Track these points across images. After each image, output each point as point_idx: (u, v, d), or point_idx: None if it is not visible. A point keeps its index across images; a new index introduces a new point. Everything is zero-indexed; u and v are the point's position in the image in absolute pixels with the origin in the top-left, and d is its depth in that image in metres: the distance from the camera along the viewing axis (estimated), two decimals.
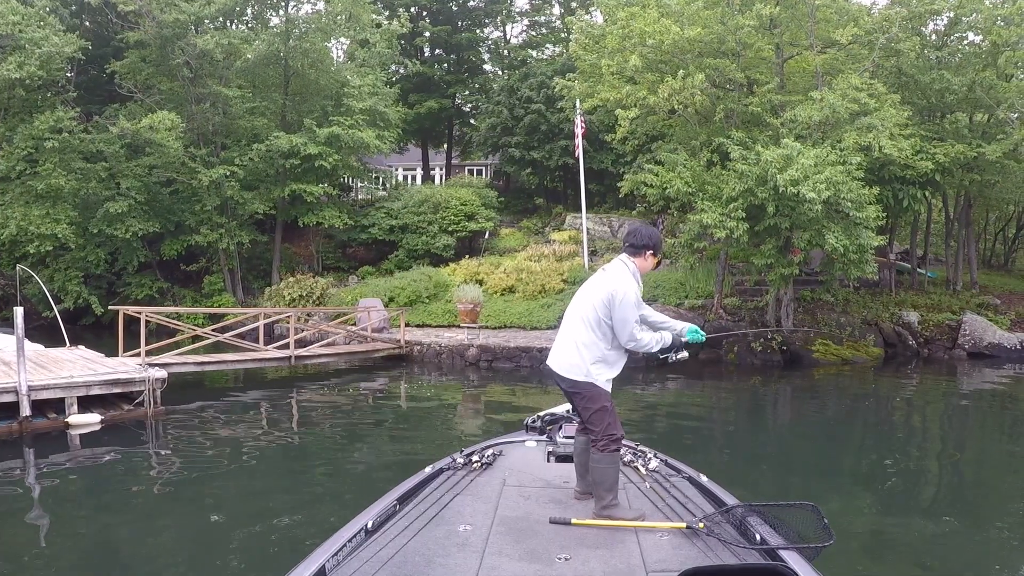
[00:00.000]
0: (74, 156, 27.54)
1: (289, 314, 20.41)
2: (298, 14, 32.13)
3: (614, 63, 22.31)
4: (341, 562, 4.18)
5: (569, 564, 4.29)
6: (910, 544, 7.95)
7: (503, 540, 4.61)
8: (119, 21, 29.41)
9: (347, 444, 12.61)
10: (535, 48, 47.44)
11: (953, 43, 25.97)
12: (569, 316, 5.49)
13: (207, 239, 29.28)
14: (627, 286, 5.24)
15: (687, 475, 5.85)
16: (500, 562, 4.28)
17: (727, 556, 4.30)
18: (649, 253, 5.48)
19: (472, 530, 4.74)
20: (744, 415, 16.12)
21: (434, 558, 4.29)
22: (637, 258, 5.46)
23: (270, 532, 7.92)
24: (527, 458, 6.30)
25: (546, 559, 4.35)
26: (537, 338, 22.32)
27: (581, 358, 5.29)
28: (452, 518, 4.93)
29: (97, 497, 9.51)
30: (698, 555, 4.36)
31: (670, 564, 4.23)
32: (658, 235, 5.63)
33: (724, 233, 19.24)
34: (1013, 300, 27.23)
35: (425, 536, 4.60)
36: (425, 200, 32.98)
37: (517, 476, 5.87)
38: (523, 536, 4.68)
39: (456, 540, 4.57)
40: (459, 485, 5.59)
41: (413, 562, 4.22)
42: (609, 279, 5.33)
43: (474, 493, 5.47)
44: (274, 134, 28.67)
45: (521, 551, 4.44)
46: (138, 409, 13.69)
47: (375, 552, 4.31)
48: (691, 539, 4.58)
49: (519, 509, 5.17)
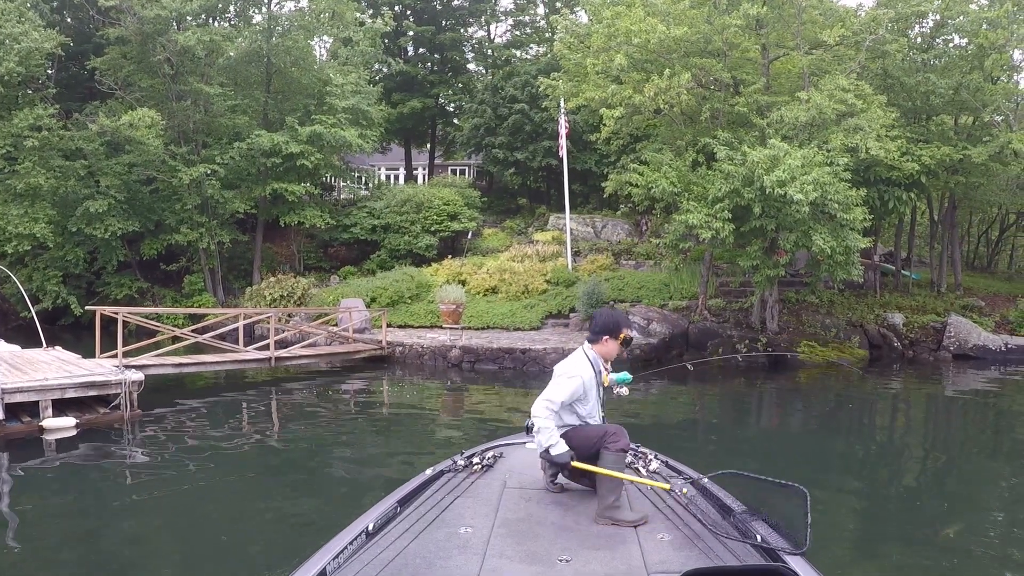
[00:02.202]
0: (53, 154, 27.15)
1: (269, 315, 20.18)
2: (281, 12, 31.77)
3: (599, 62, 22.14)
4: (342, 565, 4.17)
5: (570, 565, 4.27)
6: (901, 543, 7.87)
7: (504, 542, 4.58)
8: (100, 17, 29.10)
9: (327, 448, 12.38)
10: (519, 48, 47.21)
11: (939, 46, 25.98)
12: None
13: (187, 238, 28.93)
14: (571, 368, 5.51)
15: (688, 476, 5.81)
16: (501, 564, 4.26)
17: (728, 557, 4.27)
18: (606, 338, 5.61)
19: (473, 532, 4.72)
20: (729, 417, 16.00)
21: (435, 560, 4.28)
22: (596, 345, 5.64)
23: (248, 538, 7.80)
24: (528, 460, 6.20)
25: (547, 561, 4.32)
26: (520, 339, 22.18)
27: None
28: (453, 520, 4.90)
29: (72, 503, 9.31)
30: (699, 556, 4.34)
31: (671, 565, 4.21)
32: (615, 317, 5.77)
33: (710, 234, 19.12)
34: (997, 302, 27.27)
35: (426, 538, 4.57)
36: (408, 200, 32.79)
37: (518, 478, 5.83)
38: (524, 538, 4.65)
39: (457, 542, 4.55)
40: (460, 487, 5.56)
41: (414, 564, 4.20)
42: (563, 362, 5.61)
43: (475, 495, 5.43)
44: (255, 132, 28.42)
45: (522, 553, 4.42)
46: (114, 412, 13.44)
47: (376, 554, 4.29)
48: (692, 540, 4.55)
49: (520, 511, 5.14)
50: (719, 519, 4.90)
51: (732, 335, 22.19)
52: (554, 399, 5.32)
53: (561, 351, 20.24)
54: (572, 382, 5.42)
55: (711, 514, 4.99)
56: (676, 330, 22.71)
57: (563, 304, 25.06)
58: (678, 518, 4.93)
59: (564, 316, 24.68)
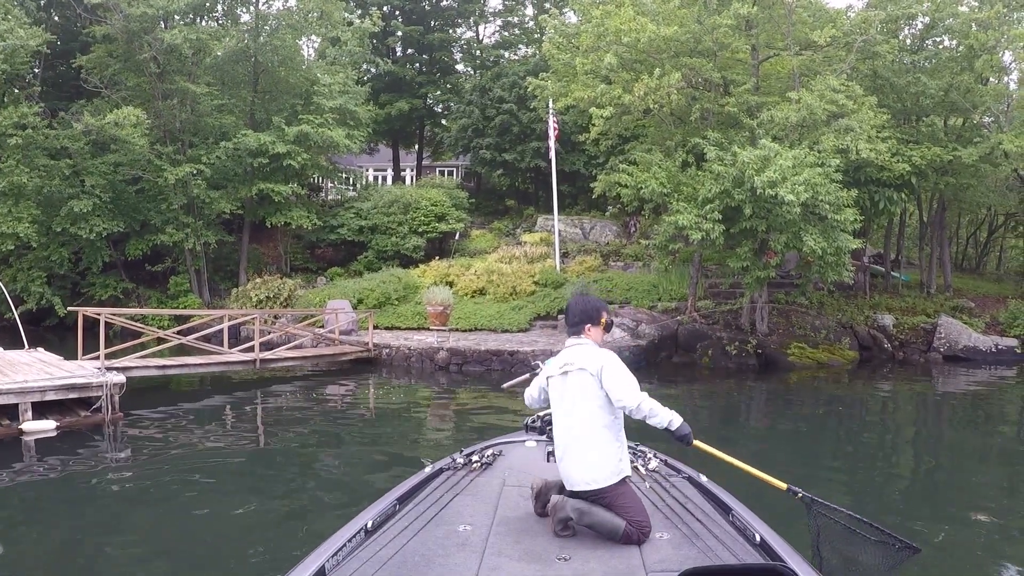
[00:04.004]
0: (37, 153, 26.88)
1: (254, 316, 19.98)
2: (269, 11, 31.62)
3: (588, 61, 22.03)
4: (341, 562, 4.17)
5: (569, 564, 4.27)
6: None
7: (503, 540, 4.59)
8: (87, 15, 28.89)
9: (312, 452, 12.18)
10: (508, 49, 47.10)
11: (929, 47, 25.96)
12: (564, 431, 4.98)
13: (173, 239, 28.67)
14: (603, 353, 4.94)
15: (687, 475, 5.84)
16: (500, 562, 4.27)
17: (727, 556, 4.27)
18: (588, 327, 5.15)
19: (472, 530, 4.73)
20: (717, 418, 15.88)
21: (434, 558, 4.29)
22: (579, 336, 5.14)
23: (231, 544, 7.66)
24: (527, 458, 6.24)
25: (546, 559, 4.32)
26: (508, 341, 22.03)
27: (604, 458, 4.82)
28: (452, 518, 4.91)
29: (50, 508, 9.10)
30: (698, 555, 4.34)
31: (670, 564, 4.21)
32: (592, 303, 5.28)
33: (700, 235, 18.98)
34: (987, 303, 27.24)
35: (425, 536, 4.59)
36: (395, 200, 32.61)
37: (517, 476, 5.81)
38: (523, 536, 4.66)
39: (456, 540, 4.56)
40: (459, 485, 5.57)
41: (413, 562, 4.22)
42: (584, 361, 4.93)
43: (474, 493, 5.45)
44: (242, 132, 28.26)
45: (521, 551, 4.42)
46: (96, 415, 13.23)
47: (375, 552, 4.30)
48: (691, 539, 4.55)
49: (519, 509, 5.13)
50: (718, 517, 4.91)
51: (722, 337, 22.07)
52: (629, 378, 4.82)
53: (550, 353, 20.04)
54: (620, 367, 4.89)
55: (710, 512, 5.00)
56: (665, 332, 22.61)
57: (551, 306, 24.89)
58: (677, 516, 4.92)
59: (552, 318, 24.51)
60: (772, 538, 4.34)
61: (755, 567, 4.05)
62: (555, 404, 5.08)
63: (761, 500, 5.51)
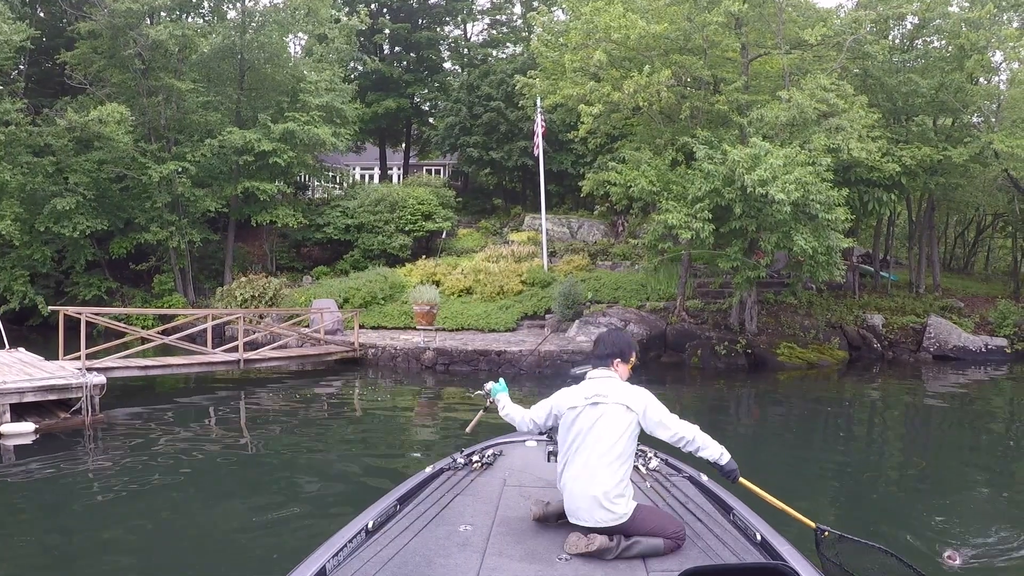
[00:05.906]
0: (21, 150, 26.60)
1: (238, 315, 19.76)
2: (256, 7, 31.41)
3: (577, 59, 21.87)
4: (342, 562, 4.19)
5: (570, 564, 4.28)
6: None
7: (504, 540, 4.60)
8: (72, 11, 28.70)
9: (296, 453, 11.98)
10: (496, 47, 47.02)
11: (919, 47, 25.92)
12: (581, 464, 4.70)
13: (157, 237, 28.45)
14: (639, 390, 4.80)
15: (687, 474, 5.87)
16: (501, 562, 4.29)
17: (728, 555, 4.31)
18: (617, 362, 4.97)
19: (473, 530, 4.75)
20: (705, 420, 15.74)
21: (435, 558, 4.30)
22: (609, 369, 4.94)
23: (215, 548, 7.53)
24: (528, 458, 6.26)
25: (547, 559, 4.33)
26: (495, 340, 21.88)
27: (624, 488, 4.66)
28: (453, 518, 4.93)
29: (29, 513, 8.92)
30: (698, 555, 4.38)
31: (670, 564, 4.25)
32: (627, 339, 5.16)
33: (690, 234, 18.85)
34: (976, 303, 27.28)
35: (426, 536, 4.61)
36: (382, 199, 32.49)
37: (518, 476, 5.85)
38: (524, 536, 4.67)
39: (457, 540, 4.58)
40: (459, 485, 5.59)
41: (414, 562, 4.24)
42: (620, 396, 4.74)
43: (474, 493, 5.46)
44: (228, 129, 28.05)
45: (522, 551, 4.44)
46: (75, 417, 12.99)
47: (376, 552, 4.32)
48: (692, 538, 4.56)
49: (520, 509, 5.13)
50: (719, 517, 4.95)
51: (711, 336, 21.96)
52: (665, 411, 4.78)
53: (537, 353, 19.98)
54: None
55: (711, 512, 5.05)
56: (654, 331, 22.48)
57: (539, 305, 24.78)
58: (677, 516, 4.90)
59: (540, 317, 24.40)
60: (773, 537, 4.37)
61: (756, 566, 4.03)
62: (575, 434, 4.79)
63: (761, 500, 5.41)
